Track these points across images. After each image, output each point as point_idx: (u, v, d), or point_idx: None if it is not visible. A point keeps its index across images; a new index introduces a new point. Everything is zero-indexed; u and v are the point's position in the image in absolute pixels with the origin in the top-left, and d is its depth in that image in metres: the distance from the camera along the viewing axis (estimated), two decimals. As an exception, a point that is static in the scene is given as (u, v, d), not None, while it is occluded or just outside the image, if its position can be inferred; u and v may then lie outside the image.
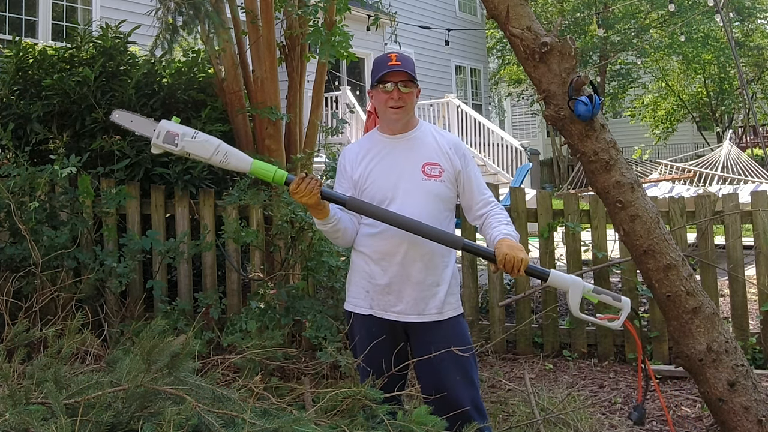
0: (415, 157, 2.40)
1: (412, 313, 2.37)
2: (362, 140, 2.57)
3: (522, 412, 3.32)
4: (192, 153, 2.31)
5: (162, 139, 2.30)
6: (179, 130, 2.30)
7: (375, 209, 2.29)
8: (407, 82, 2.36)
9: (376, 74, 2.38)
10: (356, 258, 2.46)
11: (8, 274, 3.73)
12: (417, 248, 2.34)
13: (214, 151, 2.30)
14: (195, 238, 4.38)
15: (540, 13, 19.77)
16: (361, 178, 2.40)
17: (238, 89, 4.60)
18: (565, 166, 20.38)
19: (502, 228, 2.36)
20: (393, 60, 2.36)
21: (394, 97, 2.36)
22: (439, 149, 2.43)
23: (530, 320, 4.41)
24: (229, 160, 2.32)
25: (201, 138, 2.30)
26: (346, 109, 11.77)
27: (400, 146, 2.43)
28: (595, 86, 2.74)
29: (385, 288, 2.37)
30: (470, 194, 2.46)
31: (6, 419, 1.70)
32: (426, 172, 2.37)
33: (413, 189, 2.35)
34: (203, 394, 1.89)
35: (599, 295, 2.37)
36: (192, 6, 3.88)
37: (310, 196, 2.22)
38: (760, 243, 4.14)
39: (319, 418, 1.94)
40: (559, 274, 2.37)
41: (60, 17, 9.39)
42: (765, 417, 2.62)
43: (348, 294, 2.50)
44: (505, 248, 2.24)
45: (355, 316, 2.45)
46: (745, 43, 20.65)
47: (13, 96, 4.54)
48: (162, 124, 2.32)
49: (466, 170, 2.44)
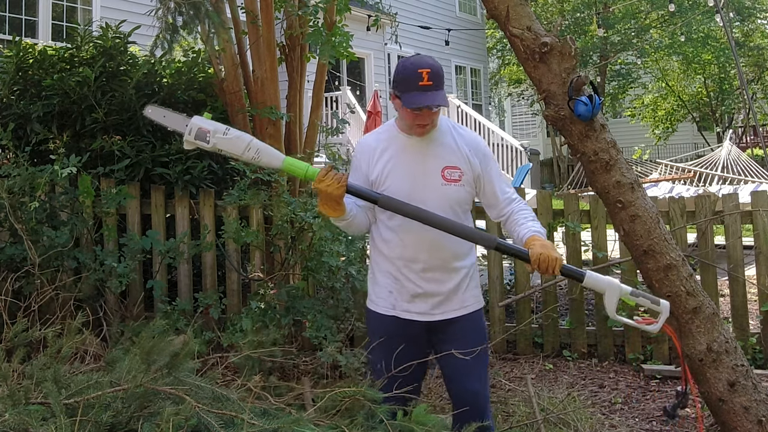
0: (434, 161, 2.32)
1: (436, 312, 2.36)
2: (379, 134, 2.44)
3: (522, 412, 3.32)
4: (223, 150, 2.28)
5: (194, 136, 2.28)
6: (211, 126, 2.27)
7: (409, 208, 2.23)
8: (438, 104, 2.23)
9: (405, 91, 2.22)
10: (379, 258, 2.41)
11: (8, 274, 3.72)
12: (438, 252, 2.31)
13: (245, 147, 2.27)
14: (195, 238, 4.38)
15: (540, 13, 19.76)
16: (379, 178, 2.33)
17: (238, 89, 4.59)
18: (565, 166, 20.37)
19: (530, 225, 2.32)
20: (425, 79, 2.18)
21: (423, 118, 2.25)
22: (459, 151, 2.35)
23: (530, 320, 4.41)
24: (261, 157, 2.28)
25: (233, 134, 2.27)
26: (346, 109, 11.76)
27: (419, 147, 2.34)
28: (595, 86, 2.74)
29: (408, 292, 2.34)
30: (492, 194, 2.41)
31: (5, 419, 1.70)
32: (446, 177, 2.31)
33: (432, 194, 2.29)
34: (203, 394, 1.88)
35: (637, 298, 2.32)
36: (192, 6, 3.87)
37: (336, 188, 2.16)
38: (760, 243, 4.14)
39: (319, 418, 1.94)
40: (595, 276, 2.31)
41: (60, 17, 9.39)
42: (765, 417, 2.62)
43: (371, 292, 2.46)
44: (539, 248, 2.20)
45: (377, 315, 2.41)
46: (745, 43, 20.63)
47: (13, 96, 4.54)
48: (194, 120, 2.29)
49: (486, 171, 2.38)
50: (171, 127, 2.40)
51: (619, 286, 2.29)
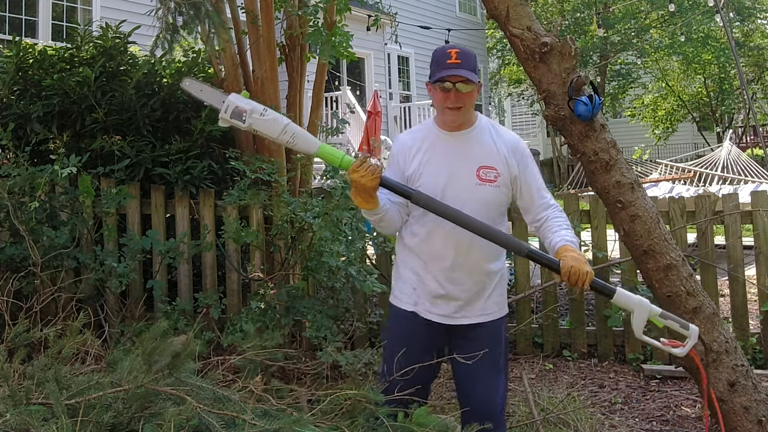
0: (470, 159, 2.29)
1: (457, 316, 2.32)
2: (417, 131, 2.43)
3: (522, 412, 3.32)
4: (259, 130, 2.25)
5: (230, 114, 2.23)
6: (248, 106, 2.23)
7: (441, 206, 2.20)
8: (467, 81, 2.22)
9: (434, 71, 2.24)
10: (405, 253, 2.38)
11: (8, 275, 3.72)
12: (465, 255, 2.28)
13: (281, 130, 2.23)
14: (195, 238, 4.38)
15: (540, 13, 19.76)
16: (414, 174, 2.30)
17: (238, 89, 4.59)
18: (565, 166, 20.39)
19: (564, 234, 2.27)
20: (453, 57, 2.21)
21: (451, 98, 2.23)
22: (497, 151, 2.31)
23: (530, 320, 4.41)
24: (297, 141, 2.25)
25: (270, 116, 2.23)
26: (346, 109, 11.76)
27: (456, 144, 2.31)
28: (595, 86, 2.74)
29: (432, 291, 2.31)
30: (529, 198, 2.36)
31: (7, 419, 1.70)
32: (481, 177, 2.27)
33: (466, 193, 2.26)
34: (204, 395, 1.88)
35: (666, 320, 2.26)
36: (192, 6, 3.87)
37: (370, 179, 2.13)
38: (760, 243, 4.14)
39: (320, 419, 1.94)
40: (626, 294, 2.24)
41: (60, 17, 9.39)
42: (765, 417, 2.62)
43: (394, 287, 2.43)
44: (571, 260, 2.14)
45: (398, 310, 2.38)
46: (745, 43, 20.64)
47: (13, 96, 4.54)
48: (230, 98, 2.25)
49: (524, 173, 2.34)
50: (207, 102, 2.36)
51: (650, 306, 2.23)
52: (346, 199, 3.73)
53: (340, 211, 3.69)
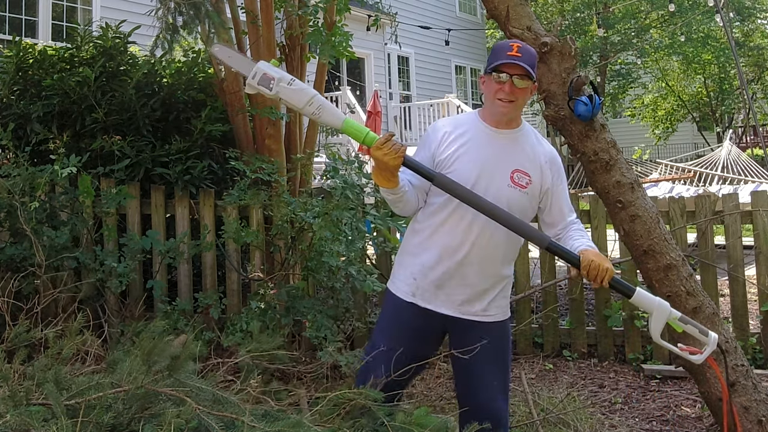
0: (507, 159, 2.26)
1: (456, 310, 2.28)
2: (461, 119, 2.38)
3: (522, 412, 3.32)
4: (284, 99, 2.22)
5: (257, 81, 2.21)
6: (276, 74, 2.21)
7: (464, 191, 2.16)
8: (524, 76, 2.18)
9: (492, 60, 2.21)
10: (414, 241, 2.34)
11: (9, 275, 3.72)
12: (480, 251, 2.24)
13: (308, 101, 2.21)
14: (195, 238, 4.38)
15: (540, 13, 19.76)
16: (447, 160, 2.25)
17: (238, 89, 4.59)
18: (565, 166, 20.36)
19: (585, 241, 2.25)
20: (514, 50, 2.18)
21: (505, 89, 2.19)
22: (535, 159, 2.29)
23: (530, 320, 4.41)
24: (322, 114, 2.23)
25: (297, 86, 2.21)
26: (346, 109, 11.76)
27: (497, 141, 2.27)
28: (595, 86, 2.74)
29: (436, 281, 2.27)
30: (558, 212, 2.33)
31: (7, 420, 1.70)
32: (514, 180, 2.24)
33: (495, 192, 2.21)
34: (203, 396, 1.88)
35: (685, 324, 2.22)
36: (192, 6, 3.87)
37: (394, 157, 2.09)
38: (760, 243, 4.14)
39: (319, 420, 1.94)
40: (645, 294, 2.21)
41: (60, 17, 9.39)
42: (765, 417, 2.62)
43: (394, 274, 2.39)
44: (592, 255, 2.13)
45: (395, 298, 2.34)
46: (745, 43, 20.65)
47: (13, 96, 4.54)
48: (260, 65, 2.23)
49: (555, 187, 2.32)
50: (235, 68, 2.34)
51: (669, 310, 2.19)
52: (346, 200, 3.73)
53: (340, 211, 3.69)
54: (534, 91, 2.30)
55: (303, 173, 4.77)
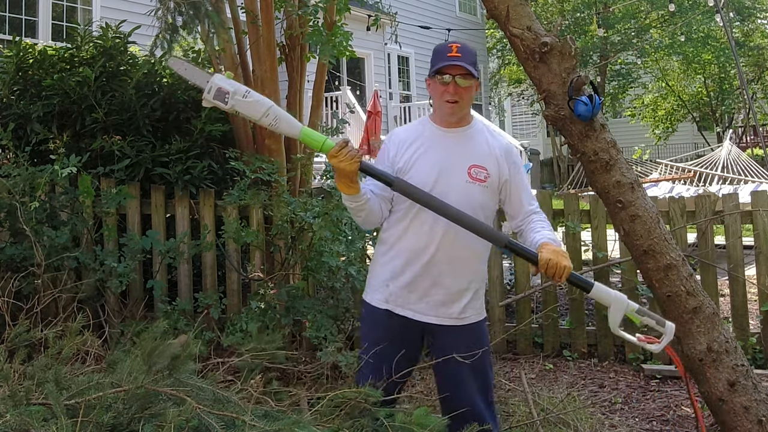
0: (463, 157, 2.30)
1: (432, 314, 2.30)
2: (413, 126, 2.46)
3: (522, 412, 3.32)
4: (241, 112, 2.24)
5: (213, 95, 2.23)
6: (231, 87, 2.22)
7: (422, 194, 2.19)
8: (466, 75, 2.24)
9: (434, 63, 2.27)
10: (382, 249, 2.38)
11: (9, 275, 3.72)
12: (447, 251, 2.27)
13: (264, 113, 2.22)
14: (195, 238, 4.38)
15: (540, 13, 19.76)
16: (405, 167, 2.30)
17: (239, 89, 4.59)
18: (565, 166, 20.38)
19: (546, 233, 2.28)
20: (453, 51, 2.24)
21: (450, 90, 2.25)
22: (490, 153, 2.33)
23: (530, 320, 4.41)
24: (279, 124, 2.24)
25: (253, 98, 2.23)
26: (346, 109, 11.76)
27: (451, 141, 2.33)
28: (595, 86, 2.74)
29: (408, 286, 2.29)
30: (518, 202, 2.38)
31: (7, 420, 1.70)
32: (471, 175, 2.28)
33: (455, 190, 2.26)
34: (204, 396, 1.88)
35: (642, 316, 2.26)
36: (192, 6, 3.87)
37: (349, 163, 2.12)
38: (760, 243, 4.14)
39: (319, 420, 1.94)
40: (603, 288, 2.26)
41: (60, 17, 9.39)
42: (765, 417, 2.62)
43: (368, 285, 2.42)
44: (550, 253, 2.16)
45: (371, 308, 2.37)
46: (745, 43, 20.63)
47: (13, 96, 4.54)
48: (214, 79, 2.24)
49: (514, 179, 2.36)
50: (191, 81, 2.35)
51: (626, 302, 2.24)
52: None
53: (340, 211, 3.69)
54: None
55: (303, 173, 4.77)
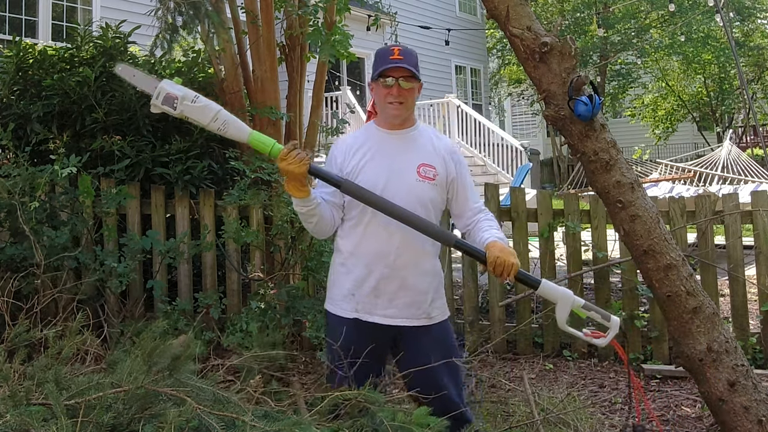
0: (410, 157, 2.34)
1: (403, 317, 2.32)
2: (358, 132, 2.49)
3: (522, 412, 3.32)
4: (190, 117, 2.24)
5: (161, 101, 2.24)
6: (179, 92, 2.23)
7: (370, 195, 2.22)
8: (408, 77, 2.29)
9: (377, 67, 2.31)
10: (341, 258, 2.38)
11: (9, 275, 3.72)
12: (406, 251, 2.29)
13: (212, 117, 2.24)
14: (195, 238, 4.38)
15: (540, 13, 19.76)
16: (354, 171, 2.32)
17: (238, 89, 4.59)
18: (565, 166, 20.38)
19: (494, 232, 2.32)
20: (395, 54, 2.29)
21: (393, 93, 2.29)
22: (435, 152, 2.38)
23: (530, 320, 4.41)
24: (228, 128, 2.26)
25: (201, 103, 2.24)
26: (346, 109, 11.76)
27: (397, 143, 2.37)
28: (595, 86, 2.74)
29: (373, 291, 2.30)
30: (463, 202, 2.41)
31: (7, 420, 1.70)
32: (420, 174, 2.32)
33: (404, 189, 2.29)
34: (204, 396, 1.88)
35: (588, 311, 2.30)
36: (192, 6, 3.88)
37: (298, 165, 2.14)
38: (760, 243, 4.14)
39: (319, 420, 1.94)
40: (550, 285, 2.31)
41: (60, 17, 9.39)
42: (765, 417, 2.62)
43: (330, 295, 2.41)
44: (497, 251, 2.20)
45: (338, 318, 2.36)
46: (745, 43, 20.64)
47: (13, 96, 4.54)
48: (162, 84, 2.25)
49: (460, 177, 2.41)
50: (140, 87, 2.37)
51: (573, 298, 2.28)
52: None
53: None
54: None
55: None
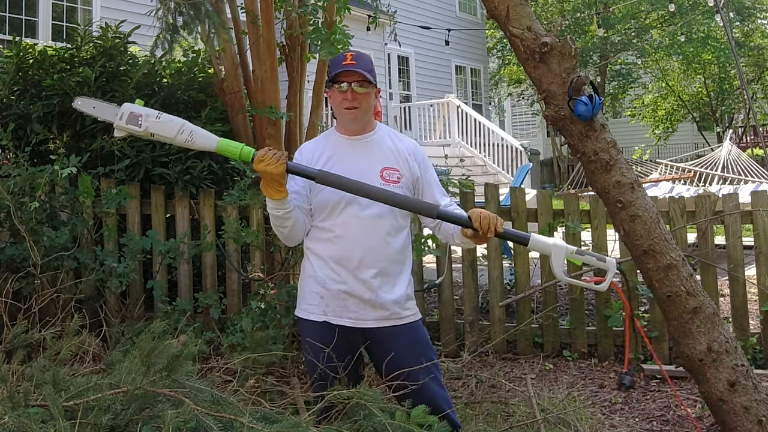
0: (373, 161, 2.35)
1: (371, 318, 2.32)
2: (319, 139, 2.51)
3: (522, 412, 3.32)
4: (156, 134, 2.25)
5: (125, 121, 2.25)
6: (143, 111, 2.25)
7: (347, 181, 2.22)
8: (363, 82, 2.29)
9: (331, 74, 2.33)
10: (310, 263, 2.38)
11: (8, 275, 3.72)
12: (373, 254, 2.30)
13: (178, 130, 2.25)
14: (195, 238, 4.38)
15: (540, 13, 19.76)
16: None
17: (238, 89, 4.59)
18: (565, 166, 20.38)
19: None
20: (348, 59, 2.30)
21: (348, 98, 2.30)
22: (398, 154, 2.39)
23: (530, 320, 4.41)
24: (195, 139, 2.26)
25: (165, 118, 2.25)
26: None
27: (358, 148, 2.38)
28: (595, 86, 2.74)
29: (342, 294, 2.30)
30: (430, 198, 2.41)
31: (5, 421, 1.70)
32: (384, 178, 2.32)
33: None
34: (202, 397, 1.88)
35: (582, 256, 2.33)
36: (192, 6, 3.87)
37: (276, 165, 2.14)
38: (760, 243, 4.14)
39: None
40: (540, 238, 2.30)
41: (60, 17, 9.39)
42: (765, 417, 2.62)
43: (300, 300, 2.42)
44: (479, 211, 2.22)
45: (309, 323, 2.36)
46: (745, 43, 20.64)
47: (13, 96, 4.54)
48: (124, 106, 2.28)
49: (425, 176, 2.41)
50: (101, 117, 2.37)
51: (565, 246, 2.29)
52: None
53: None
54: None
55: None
